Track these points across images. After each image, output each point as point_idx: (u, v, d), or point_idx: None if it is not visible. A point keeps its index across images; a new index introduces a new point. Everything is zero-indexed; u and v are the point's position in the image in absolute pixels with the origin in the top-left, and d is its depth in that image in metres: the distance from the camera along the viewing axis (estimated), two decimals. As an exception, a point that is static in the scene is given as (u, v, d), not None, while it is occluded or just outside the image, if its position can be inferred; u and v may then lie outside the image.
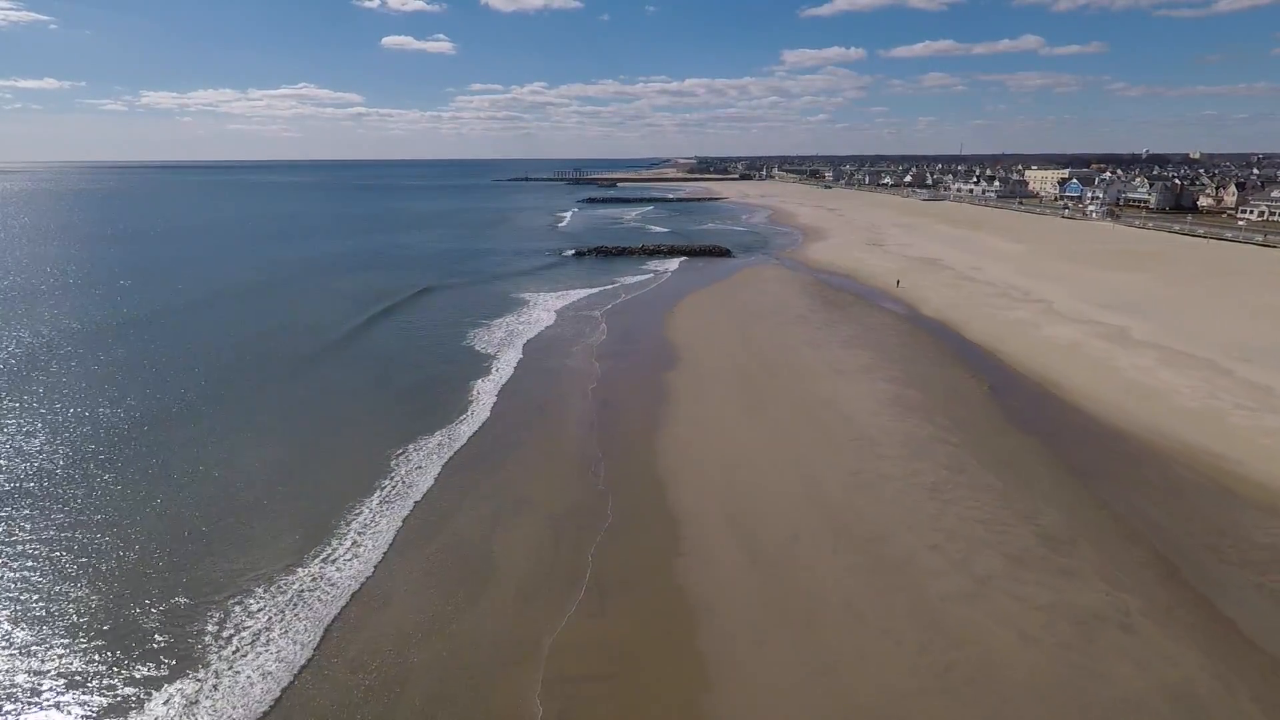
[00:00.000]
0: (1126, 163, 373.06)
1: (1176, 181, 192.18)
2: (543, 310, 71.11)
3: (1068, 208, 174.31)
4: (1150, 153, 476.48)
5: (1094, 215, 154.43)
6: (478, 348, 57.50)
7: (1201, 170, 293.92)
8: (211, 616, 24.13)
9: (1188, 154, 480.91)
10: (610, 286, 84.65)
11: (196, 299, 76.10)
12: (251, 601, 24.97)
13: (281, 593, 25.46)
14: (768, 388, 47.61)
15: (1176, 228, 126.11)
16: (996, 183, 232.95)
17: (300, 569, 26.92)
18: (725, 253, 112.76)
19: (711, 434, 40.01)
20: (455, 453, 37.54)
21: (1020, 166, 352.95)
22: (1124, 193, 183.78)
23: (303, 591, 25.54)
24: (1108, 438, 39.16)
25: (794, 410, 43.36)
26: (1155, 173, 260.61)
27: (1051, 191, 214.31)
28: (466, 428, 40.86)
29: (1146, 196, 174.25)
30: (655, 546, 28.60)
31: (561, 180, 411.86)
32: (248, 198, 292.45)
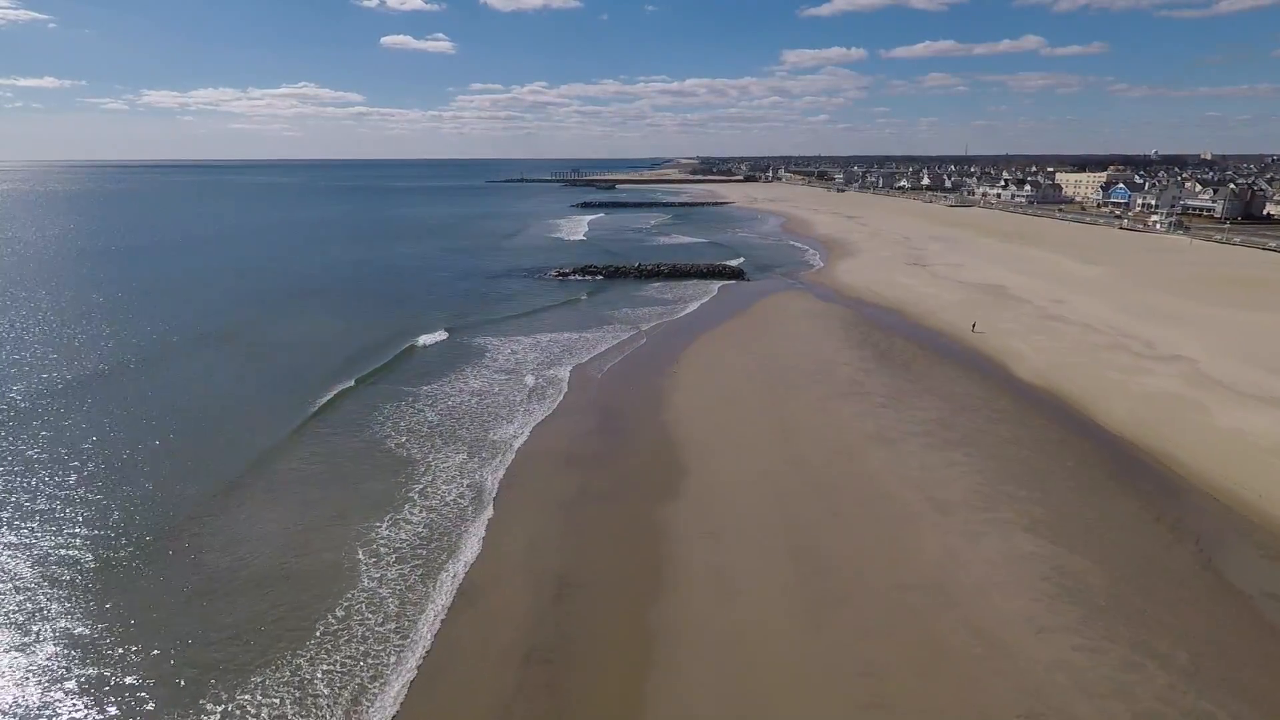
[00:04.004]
0: (1139, 164, 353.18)
1: (1237, 187, 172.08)
2: (527, 392, 51.99)
3: (1120, 217, 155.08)
4: (1160, 154, 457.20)
5: (1159, 227, 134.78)
6: (431, 478, 36.88)
7: (1229, 172, 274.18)
8: None
9: (1199, 155, 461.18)
10: (607, 334, 65.68)
11: (106, 367, 53.80)
12: None
13: None
14: (832, 550, 28.76)
15: (1274, 244, 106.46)
16: (1028, 187, 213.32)
17: None
18: (738, 274, 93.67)
19: (746, 699, 21.15)
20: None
21: (1034, 167, 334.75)
22: (1179, 198, 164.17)
23: None
24: None
25: (890, 619, 24.47)
26: (1177, 175, 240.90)
27: (1093, 197, 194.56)
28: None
29: (1210, 204, 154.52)
30: None
31: (560, 181, 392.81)
32: (241, 202, 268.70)
